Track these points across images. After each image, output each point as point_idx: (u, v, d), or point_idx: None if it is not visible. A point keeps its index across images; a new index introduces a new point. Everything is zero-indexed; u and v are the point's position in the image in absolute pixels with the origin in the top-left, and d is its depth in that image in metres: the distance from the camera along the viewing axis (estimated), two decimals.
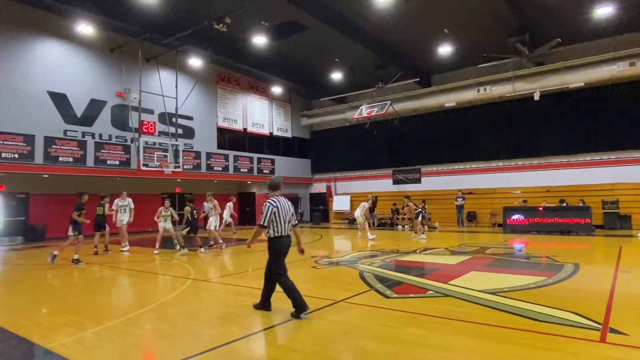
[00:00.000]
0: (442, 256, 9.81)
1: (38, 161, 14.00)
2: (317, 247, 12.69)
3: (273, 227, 4.97)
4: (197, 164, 19.06)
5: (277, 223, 4.97)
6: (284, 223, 5.00)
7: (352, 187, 23.88)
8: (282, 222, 4.99)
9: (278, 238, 4.99)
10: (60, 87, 14.95)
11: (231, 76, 21.40)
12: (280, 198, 5.10)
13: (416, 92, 20.45)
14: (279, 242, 5.00)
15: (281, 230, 4.99)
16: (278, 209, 4.97)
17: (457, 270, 7.86)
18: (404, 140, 21.57)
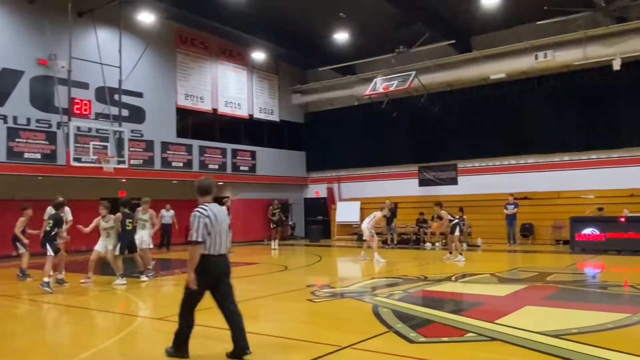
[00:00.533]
0: (487, 285, 9.83)
1: None
2: (315, 272, 12.71)
3: (209, 242, 5.09)
4: (149, 157, 19.07)
5: (209, 237, 5.08)
6: (220, 237, 5.13)
7: (363, 190, 23.91)
8: (216, 237, 5.10)
9: (208, 257, 5.08)
10: None
11: (196, 37, 21.40)
12: (214, 205, 5.27)
13: (451, 59, 20.46)
14: (210, 263, 5.09)
15: (214, 247, 5.10)
16: (210, 219, 5.09)
17: (507, 304, 7.83)
18: (434, 126, 21.61)
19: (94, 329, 6.85)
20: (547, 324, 6.35)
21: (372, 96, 19.81)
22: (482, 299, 8.31)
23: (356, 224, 22.67)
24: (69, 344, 6.13)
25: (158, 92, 19.84)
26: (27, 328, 6.70)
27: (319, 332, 6.27)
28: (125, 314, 7.85)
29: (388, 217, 19.07)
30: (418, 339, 5.77)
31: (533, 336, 5.74)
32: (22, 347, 6.02)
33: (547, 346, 5.35)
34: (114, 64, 17.63)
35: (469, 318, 6.70)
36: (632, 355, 4.99)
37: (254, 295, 9.14)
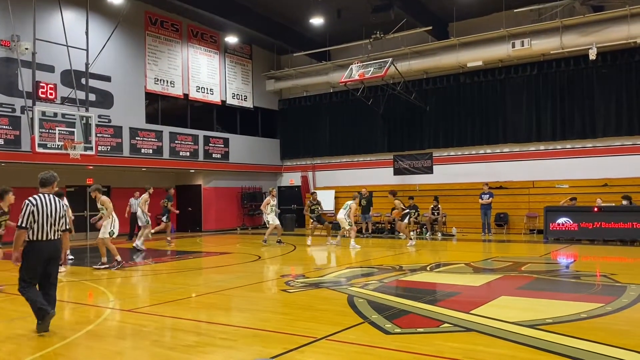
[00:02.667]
0: (462, 275, 9.97)
1: None
2: (289, 262, 12.70)
3: (31, 229, 5.88)
4: (117, 144, 18.75)
5: (35, 224, 5.89)
6: (45, 225, 5.93)
7: (338, 178, 23.97)
8: (42, 224, 5.91)
9: (35, 242, 5.89)
10: None
11: (166, 19, 21.01)
12: (47, 196, 6.11)
13: (428, 45, 20.57)
14: (35, 248, 5.90)
15: (39, 233, 5.90)
16: (37, 208, 5.91)
17: (482, 294, 7.94)
18: (410, 114, 21.73)
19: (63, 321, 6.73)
20: (522, 314, 6.46)
21: (347, 83, 19.80)
22: (458, 289, 8.41)
23: (331, 212, 22.70)
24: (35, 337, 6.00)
25: (126, 76, 19.45)
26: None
27: (294, 323, 6.27)
28: (91, 305, 7.73)
29: (364, 206, 19.20)
30: (394, 329, 5.81)
31: (508, 326, 5.83)
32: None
33: (523, 336, 5.44)
34: (80, 46, 17.22)
35: (444, 308, 6.77)
36: (606, 345, 5.12)
37: (227, 286, 9.10)
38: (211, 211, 23.03)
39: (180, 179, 23.52)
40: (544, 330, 5.67)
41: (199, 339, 5.73)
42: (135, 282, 10.37)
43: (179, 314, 6.89)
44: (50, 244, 5.99)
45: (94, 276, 10.63)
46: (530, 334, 5.51)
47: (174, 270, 11.40)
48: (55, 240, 6.05)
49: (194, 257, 13.91)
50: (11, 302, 7.99)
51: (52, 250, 6.02)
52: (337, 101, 24.00)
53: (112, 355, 5.19)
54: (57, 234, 6.08)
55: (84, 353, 5.30)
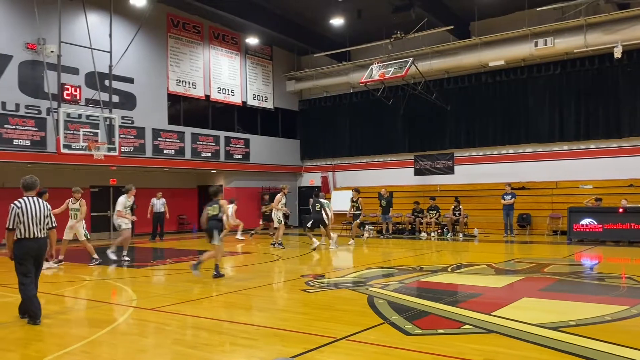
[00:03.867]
0: (484, 276, 9.89)
1: None
2: (308, 262, 12.73)
3: (18, 229, 6.47)
4: (140, 145, 18.99)
5: (21, 225, 6.48)
6: (31, 225, 6.50)
7: (358, 179, 23.92)
8: (27, 224, 6.48)
9: (21, 240, 6.48)
10: None
11: (188, 21, 21.22)
12: (31, 199, 6.66)
13: (449, 45, 20.44)
14: (22, 245, 6.49)
15: (25, 232, 6.48)
16: (22, 210, 6.48)
17: (504, 296, 7.88)
18: (431, 114, 21.61)
19: (87, 319, 6.85)
20: (545, 316, 6.39)
21: (368, 83, 19.74)
22: (479, 290, 8.34)
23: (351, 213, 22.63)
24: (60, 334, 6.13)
25: (149, 77, 19.69)
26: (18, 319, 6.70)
27: (313, 323, 6.29)
28: (115, 303, 7.85)
29: (384, 207, 19.19)
30: (414, 330, 5.79)
31: (530, 328, 5.77)
32: (18, 338, 6.01)
33: (545, 338, 5.38)
34: (104, 48, 17.48)
35: (465, 310, 6.73)
36: (631, 348, 5.03)
37: (248, 286, 9.16)
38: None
39: (201, 180, 23.73)
40: (567, 332, 5.60)
41: (220, 337, 5.79)
42: (158, 281, 10.50)
43: (201, 312, 6.96)
44: (38, 241, 6.57)
45: (117, 275, 10.80)
46: (553, 336, 5.45)
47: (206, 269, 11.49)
48: (41, 238, 6.60)
49: None
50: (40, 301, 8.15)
51: (38, 247, 6.59)
52: (357, 101, 23.98)
53: (135, 353, 5.27)
54: (43, 232, 6.62)
55: (107, 351, 5.39)
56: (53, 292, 8.73)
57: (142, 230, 20.42)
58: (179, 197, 22.45)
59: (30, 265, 6.56)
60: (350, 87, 23.84)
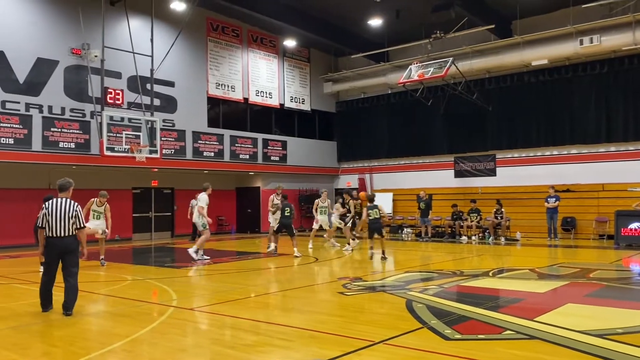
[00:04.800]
0: (526, 281, 9.69)
1: None
2: (346, 264, 12.73)
3: (47, 228, 7.04)
4: (180, 147, 19.37)
5: (47, 224, 7.04)
6: (55, 224, 7.00)
7: (396, 181, 23.80)
8: (52, 224, 7.01)
9: (47, 239, 7.06)
10: None
11: (227, 25, 21.56)
12: (60, 200, 7.15)
13: (491, 44, 20.14)
14: (47, 244, 7.08)
15: (49, 231, 7.02)
16: (48, 211, 7.03)
17: (547, 301, 7.73)
18: (471, 115, 21.31)
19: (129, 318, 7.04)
20: (590, 322, 6.23)
21: (406, 84, 19.62)
22: (521, 295, 8.19)
23: (389, 215, 22.58)
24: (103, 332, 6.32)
25: (189, 81, 20.08)
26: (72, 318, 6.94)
27: (351, 326, 6.29)
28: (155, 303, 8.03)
29: (423, 209, 19.03)
30: (453, 335, 5.73)
31: (574, 335, 5.63)
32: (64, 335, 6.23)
33: (590, 346, 5.24)
34: (145, 52, 17.91)
35: (507, 315, 6.62)
36: None
37: (285, 287, 9.24)
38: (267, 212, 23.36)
39: (239, 181, 24.04)
40: (613, 340, 5.43)
41: (258, 338, 5.86)
42: (197, 281, 10.70)
43: (239, 313, 7.06)
44: (62, 240, 7.02)
45: (158, 275, 11.05)
46: (598, 344, 5.30)
47: (234, 271, 11.67)
48: (65, 237, 7.03)
49: (253, 257, 14.18)
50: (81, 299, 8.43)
51: (63, 245, 7.03)
52: (395, 102, 23.86)
53: (174, 353, 5.38)
54: (68, 231, 7.03)
55: (148, 350, 5.52)
56: (96, 291, 9.00)
57: (182, 231, 20.85)
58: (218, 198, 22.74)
59: (53, 263, 7.08)
60: (388, 88, 23.75)
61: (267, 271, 11.71)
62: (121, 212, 19.40)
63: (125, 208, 19.63)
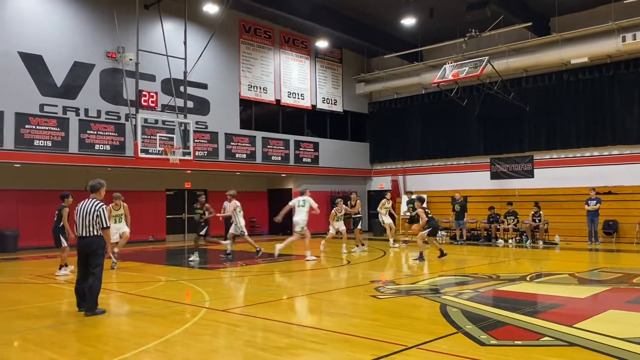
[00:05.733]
0: (566, 286, 9.51)
1: (8, 146, 15.02)
2: (378, 267, 12.69)
3: (75, 227, 7.42)
4: (213, 149, 19.61)
5: (75, 224, 7.42)
6: (79, 224, 7.31)
7: (430, 182, 23.59)
8: (77, 224, 7.35)
9: (77, 238, 7.40)
10: (35, 46, 15.87)
11: (259, 26, 21.75)
12: (87, 200, 7.42)
13: (528, 42, 19.78)
14: (78, 243, 7.38)
15: (78, 230, 7.37)
16: (76, 211, 7.39)
17: (587, 307, 7.60)
18: (508, 115, 20.97)
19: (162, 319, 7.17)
20: (632, 329, 6.08)
21: (440, 84, 19.45)
22: (560, 300, 8.04)
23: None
24: (137, 332, 6.45)
25: (222, 83, 20.33)
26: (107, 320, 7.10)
27: (383, 330, 6.27)
28: (188, 304, 8.15)
29: (458, 212, 18.84)
30: (489, 341, 5.66)
31: (616, 342, 5.51)
32: (99, 334, 6.39)
33: (632, 354, 5.12)
34: (179, 55, 18.20)
35: (545, 321, 6.52)
36: None
37: (317, 290, 9.26)
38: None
39: (271, 183, 24.20)
40: None
41: (290, 341, 5.89)
42: (229, 283, 10.82)
43: (271, 315, 7.11)
44: (83, 240, 7.28)
45: (191, 276, 11.22)
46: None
47: (266, 273, 11.76)
48: (87, 237, 7.26)
49: (284, 260, 14.26)
50: (115, 299, 8.63)
51: (85, 246, 7.25)
52: (429, 102, 23.66)
53: (207, 354, 5.46)
54: (90, 232, 7.25)
55: (181, 350, 5.61)
56: (130, 292, 9.20)
57: (215, 232, 21.08)
58: (250, 200, 22.95)
59: (80, 262, 7.34)
60: (421, 88, 23.56)
61: (298, 273, 11.75)
62: (155, 213, 19.79)
63: (159, 209, 20.01)
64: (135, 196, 14.68)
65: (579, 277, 10.44)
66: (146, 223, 13.48)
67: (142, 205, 13.28)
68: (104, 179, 7.80)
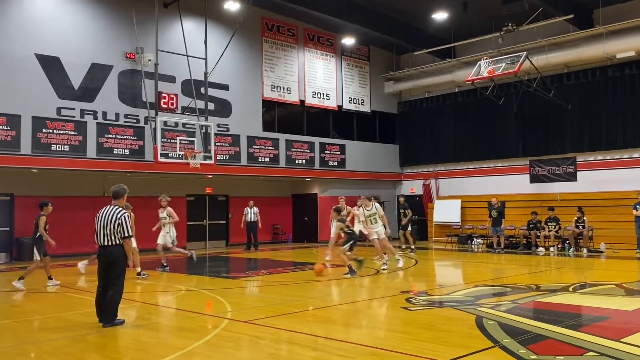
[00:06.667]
0: (612, 297, 9.36)
1: (25, 151, 15.41)
2: (410, 277, 12.62)
3: (95, 237, 7.44)
4: (235, 152, 19.78)
5: (95, 233, 7.43)
6: (99, 233, 7.33)
7: (465, 186, 23.39)
8: (97, 232, 7.36)
9: (98, 248, 7.42)
10: (52, 47, 16.25)
11: (283, 23, 21.90)
12: (108, 207, 7.46)
13: (569, 36, 19.51)
14: (98, 253, 7.45)
15: (97, 240, 7.37)
16: (96, 219, 7.41)
17: (635, 320, 7.49)
18: (548, 114, 20.72)
19: (182, 330, 7.25)
20: None
21: (475, 81, 19.32)
22: (606, 313, 7.92)
23: (456, 224, 22.22)
24: (157, 344, 6.54)
25: (244, 83, 20.50)
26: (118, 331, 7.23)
27: (415, 343, 6.24)
28: (210, 314, 8.24)
29: (494, 218, 18.59)
30: (529, 356, 5.59)
31: None
32: (118, 346, 6.50)
33: None
34: (199, 55, 18.41)
35: (589, 335, 6.43)
36: None
37: (344, 300, 9.25)
38: (328, 221, 23.45)
39: (296, 188, 24.28)
40: None
41: (316, 354, 5.90)
42: (252, 292, 10.89)
43: (296, 327, 7.13)
44: (104, 249, 7.34)
45: (212, 285, 11.32)
46: None
47: (290, 282, 11.80)
48: (108, 247, 7.30)
49: (310, 268, 14.28)
50: (135, 309, 8.76)
51: (106, 255, 7.32)
52: (463, 101, 23.47)
53: None
54: (112, 240, 7.27)
55: None
56: (150, 302, 9.33)
57: (236, 239, 21.28)
58: (273, 206, 23.11)
59: (101, 272, 7.38)
60: (455, 86, 23.40)
61: (324, 283, 11.76)
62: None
63: (180, 216, 20.14)
64: (155, 202, 14.84)
65: (627, 288, 10.24)
66: None
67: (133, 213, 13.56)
68: (122, 184, 7.89)
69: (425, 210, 24.28)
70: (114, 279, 7.29)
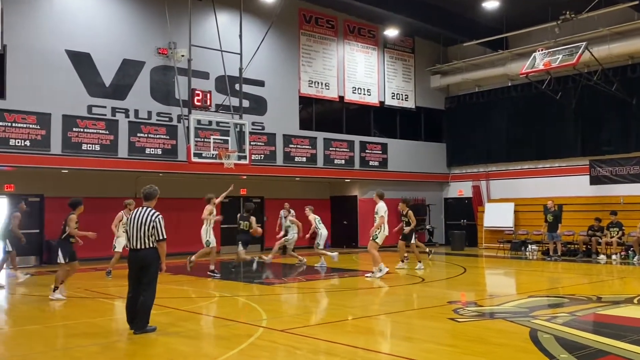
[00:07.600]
0: None
1: (55, 150, 15.89)
2: (458, 286, 12.50)
3: (126, 239, 7.74)
4: (270, 152, 19.93)
5: (127, 235, 7.72)
6: (132, 236, 7.49)
7: (518, 188, 23.05)
8: (130, 235, 7.54)
9: (129, 251, 7.61)
10: (83, 43, 16.70)
11: (321, 15, 21.98)
12: (140, 209, 7.61)
13: (634, 24, 19.06)
14: (129, 256, 7.61)
15: (129, 243, 7.57)
16: (128, 221, 7.66)
17: None
18: (611, 110, 20.27)
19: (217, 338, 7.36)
20: None
21: (530, 74, 19.05)
22: None
23: (509, 230, 21.88)
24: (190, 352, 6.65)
25: (280, 79, 20.64)
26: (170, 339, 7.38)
27: (463, 357, 6.21)
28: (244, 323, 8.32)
29: (551, 222, 18.29)
30: None
31: None
32: (150, 354, 6.64)
33: None
34: (234, 50, 18.59)
35: None
36: None
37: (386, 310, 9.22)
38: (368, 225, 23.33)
39: (334, 190, 24.31)
40: None
41: None
42: (289, 300, 10.95)
43: (334, 337, 7.14)
44: (136, 253, 7.49)
45: (247, 292, 11.44)
46: None
47: (329, 290, 11.82)
48: (140, 250, 7.45)
49: (349, 275, 14.30)
50: (167, 316, 8.92)
51: (138, 259, 7.46)
52: (516, 96, 23.13)
53: None
54: (145, 243, 7.43)
55: None
56: (183, 308, 9.49)
57: (272, 243, 21.37)
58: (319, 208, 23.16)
59: (132, 276, 7.53)
60: (507, 80, 23.08)
61: (366, 291, 11.75)
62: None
63: None
64: (188, 204, 15.07)
65: None
66: (199, 233, 13.87)
67: (194, 213, 13.64)
68: (154, 185, 8.00)
69: (475, 214, 23.99)
70: (145, 284, 7.42)
